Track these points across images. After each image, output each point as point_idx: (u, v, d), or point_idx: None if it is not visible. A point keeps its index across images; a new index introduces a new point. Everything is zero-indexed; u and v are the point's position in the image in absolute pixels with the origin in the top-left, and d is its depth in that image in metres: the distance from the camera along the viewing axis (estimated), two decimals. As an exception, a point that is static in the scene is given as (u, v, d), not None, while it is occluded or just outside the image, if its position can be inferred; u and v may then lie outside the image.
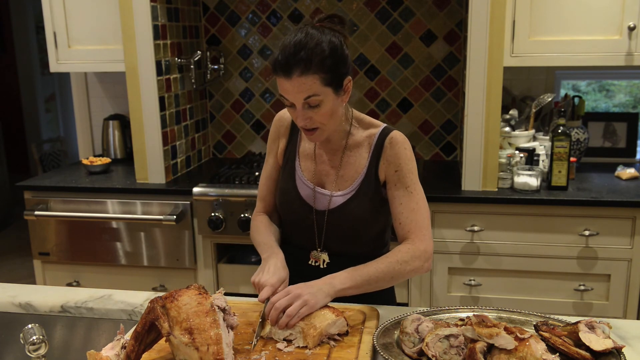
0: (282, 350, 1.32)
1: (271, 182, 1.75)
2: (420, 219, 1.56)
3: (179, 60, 2.91)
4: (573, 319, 1.37)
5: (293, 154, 1.68)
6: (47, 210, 2.79)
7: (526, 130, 2.81)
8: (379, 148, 1.59)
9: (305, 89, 1.42)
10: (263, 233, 1.68)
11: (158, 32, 2.71)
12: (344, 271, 1.48)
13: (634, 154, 3.05)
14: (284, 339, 1.36)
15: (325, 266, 1.64)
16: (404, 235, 1.56)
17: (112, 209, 2.76)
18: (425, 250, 1.54)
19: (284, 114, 1.72)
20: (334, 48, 1.44)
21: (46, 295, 1.67)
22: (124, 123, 3.25)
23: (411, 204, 1.56)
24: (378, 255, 1.66)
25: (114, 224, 2.77)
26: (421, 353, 1.25)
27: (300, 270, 1.64)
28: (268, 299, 1.43)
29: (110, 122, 3.26)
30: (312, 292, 1.39)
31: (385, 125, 1.63)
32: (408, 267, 1.51)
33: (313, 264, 1.65)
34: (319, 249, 1.64)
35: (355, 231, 1.61)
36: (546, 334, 1.28)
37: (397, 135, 1.59)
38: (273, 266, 1.52)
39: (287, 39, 1.45)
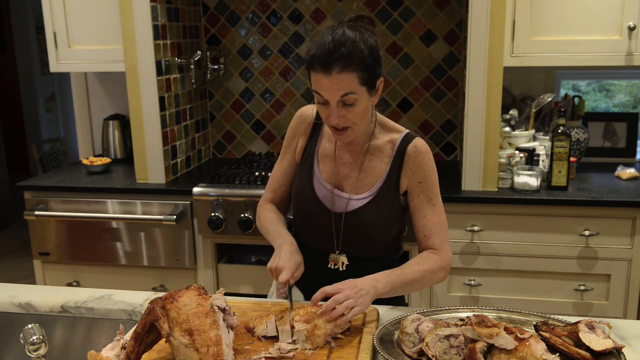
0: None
1: (285, 179, 1.72)
2: (443, 231, 1.59)
3: (179, 60, 2.91)
4: (573, 319, 1.37)
5: (312, 153, 1.66)
6: (47, 210, 2.79)
7: (526, 130, 2.81)
8: (400, 155, 1.57)
9: (343, 86, 1.41)
10: (272, 221, 1.67)
11: (158, 32, 2.71)
12: (383, 275, 1.47)
13: (634, 154, 3.05)
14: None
15: (344, 268, 1.62)
16: (428, 246, 1.58)
17: (112, 209, 2.76)
18: (448, 262, 1.58)
19: (306, 110, 1.69)
20: (372, 48, 1.44)
21: (46, 295, 1.67)
22: (124, 123, 3.25)
23: (434, 216, 1.58)
24: (392, 259, 1.67)
25: (114, 224, 2.77)
26: (421, 353, 1.25)
27: (317, 273, 1.63)
28: (288, 285, 1.46)
29: (110, 122, 3.26)
30: (362, 294, 1.39)
31: (407, 131, 1.61)
32: (435, 278, 1.55)
33: (332, 266, 1.63)
34: (337, 252, 1.63)
35: (371, 236, 1.60)
36: (546, 334, 1.28)
37: (420, 144, 1.58)
38: (288, 252, 1.52)
39: (324, 37, 1.43)
